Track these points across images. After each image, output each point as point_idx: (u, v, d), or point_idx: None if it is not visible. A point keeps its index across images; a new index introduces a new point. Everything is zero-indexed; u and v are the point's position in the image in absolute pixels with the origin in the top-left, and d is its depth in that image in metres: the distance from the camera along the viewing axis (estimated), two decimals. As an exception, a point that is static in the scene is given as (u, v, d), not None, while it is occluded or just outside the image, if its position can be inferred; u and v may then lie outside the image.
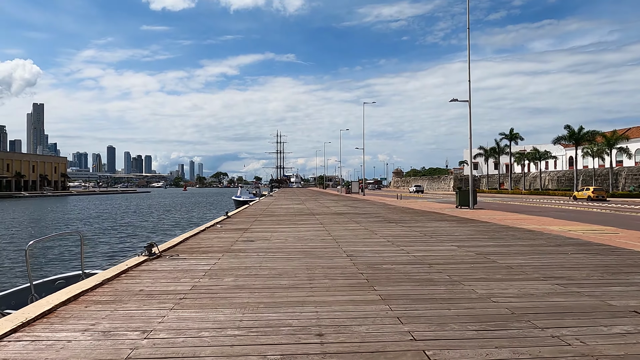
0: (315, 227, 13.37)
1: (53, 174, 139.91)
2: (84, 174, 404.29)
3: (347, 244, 9.64)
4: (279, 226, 13.82)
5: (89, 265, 11.55)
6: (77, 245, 15.83)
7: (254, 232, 12.20)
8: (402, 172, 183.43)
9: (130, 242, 18.80)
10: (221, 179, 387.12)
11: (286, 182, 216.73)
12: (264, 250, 8.78)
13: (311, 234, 11.48)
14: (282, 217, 17.59)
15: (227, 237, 11.09)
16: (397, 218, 16.99)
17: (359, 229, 12.92)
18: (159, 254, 8.07)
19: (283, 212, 20.82)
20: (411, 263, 7.26)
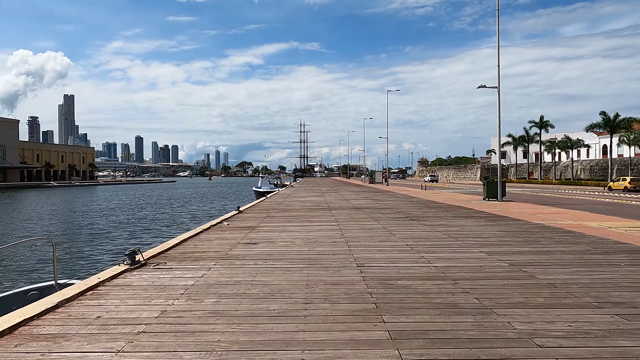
0: (329, 226, 12.28)
1: (81, 164, 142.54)
2: (113, 164, 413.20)
3: (360, 248, 8.53)
4: (289, 224, 12.79)
5: (70, 271, 10.83)
6: (63, 247, 15.19)
7: (261, 231, 11.20)
8: (427, 161, 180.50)
9: (137, 239, 18.10)
10: (246, 169, 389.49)
11: (310, 172, 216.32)
12: (263, 257, 7.76)
13: (322, 235, 10.41)
14: (296, 213, 16.57)
15: (229, 237, 10.12)
16: (419, 214, 15.75)
17: (376, 228, 11.77)
18: (144, 261, 7.13)
19: (299, 207, 19.80)
20: (432, 278, 6.11)
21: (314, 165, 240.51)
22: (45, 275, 10.68)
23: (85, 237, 18.50)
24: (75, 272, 11.09)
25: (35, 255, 12.64)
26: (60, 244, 15.28)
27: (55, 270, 6.49)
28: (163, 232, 20.28)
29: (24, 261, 11.88)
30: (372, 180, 73.99)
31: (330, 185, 58.27)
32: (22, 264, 11.81)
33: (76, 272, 11.07)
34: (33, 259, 12.09)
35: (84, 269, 11.69)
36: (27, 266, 11.54)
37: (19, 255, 12.54)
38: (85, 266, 12.20)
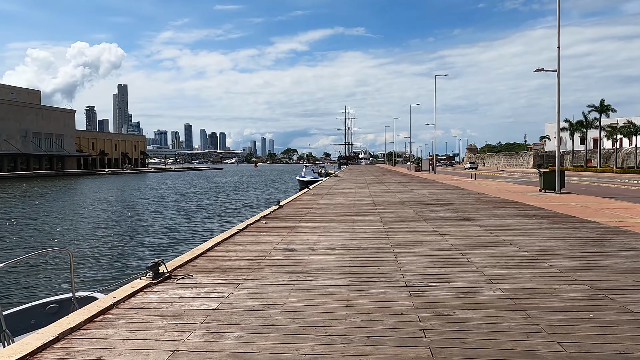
0: (373, 226, 11.34)
1: (133, 151, 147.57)
2: (163, 151, 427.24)
3: (408, 258, 7.56)
4: (330, 224, 11.93)
5: (98, 277, 10.41)
6: (96, 249, 14.97)
7: (300, 233, 10.41)
8: (476, 147, 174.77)
9: (176, 234, 17.78)
10: (291, 156, 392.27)
11: (354, 159, 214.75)
12: (299, 268, 6.94)
13: (365, 239, 9.49)
14: (339, 209, 15.69)
15: (265, 241, 9.38)
16: (472, 212, 14.50)
17: (425, 230, 10.72)
18: (168, 274, 6.49)
19: (342, 201, 18.91)
20: (497, 306, 5.08)
21: (358, 152, 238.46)
22: (67, 284, 10.36)
23: (126, 231, 18.40)
24: (102, 280, 10.66)
25: (58, 263, 12.33)
26: (86, 249, 14.90)
27: (72, 282, 5.94)
28: (204, 225, 19.97)
29: (44, 271, 11.54)
30: (418, 168, 71.95)
31: (375, 174, 56.96)
32: (41, 273, 11.46)
33: (102, 280, 10.62)
34: (53, 268, 11.81)
35: (111, 274, 11.25)
36: (49, 275, 11.16)
37: (39, 264, 12.26)
38: (114, 271, 11.72)
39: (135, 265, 12.22)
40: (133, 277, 6.45)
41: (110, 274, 11.37)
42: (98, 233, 17.81)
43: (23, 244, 16.04)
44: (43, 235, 17.34)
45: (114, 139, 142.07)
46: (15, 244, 16.26)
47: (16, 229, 19.49)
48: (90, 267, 12.34)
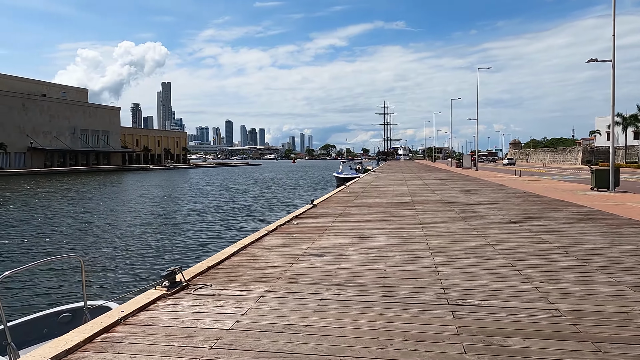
0: (411, 229, 10.55)
1: (175, 147, 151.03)
2: (205, 147, 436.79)
3: (451, 269, 6.78)
4: (365, 225, 11.22)
5: (110, 287, 9.98)
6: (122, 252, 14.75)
7: (332, 236, 9.76)
8: (520, 143, 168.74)
9: (207, 235, 17.44)
10: (329, 151, 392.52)
11: (393, 155, 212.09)
12: (328, 279, 6.30)
13: (403, 244, 8.74)
14: (375, 209, 14.94)
15: (294, 244, 8.80)
16: (519, 213, 13.43)
17: (468, 234, 9.85)
18: (185, 283, 6.00)
19: (378, 200, 18.13)
20: (559, 335, 4.27)
21: (397, 148, 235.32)
22: (96, 290, 9.97)
23: (155, 231, 18.17)
24: (121, 285, 10.28)
25: (75, 269, 11.47)
26: (111, 251, 14.30)
27: (84, 291, 5.54)
28: (237, 224, 19.62)
29: (57, 277, 11.00)
30: (459, 165, 69.84)
31: (415, 170, 55.56)
32: (54, 280, 10.99)
33: (121, 285, 10.21)
34: (66, 274, 11.36)
35: (132, 280, 10.77)
36: (63, 282, 10.54)
37: (52, 270, 11.53)
38: (135, 276, 11.24)
39: (158, 270, 11.68)
40: (149, 285, 5.99)
41: (131, 279, 10.89)
42: (126, 232, 17.48)
43: (47, 244, 16.13)
44: (69, 235, 17.20)
45: (156, 135, 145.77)
46: (39, 243, 16.40)
47: (43, 227, 19.76)
48: (112, 270, 11.80)
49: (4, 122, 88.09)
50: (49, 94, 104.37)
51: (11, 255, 13.94)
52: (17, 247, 15.20)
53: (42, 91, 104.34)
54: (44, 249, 14.87)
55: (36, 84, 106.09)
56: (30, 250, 14.54)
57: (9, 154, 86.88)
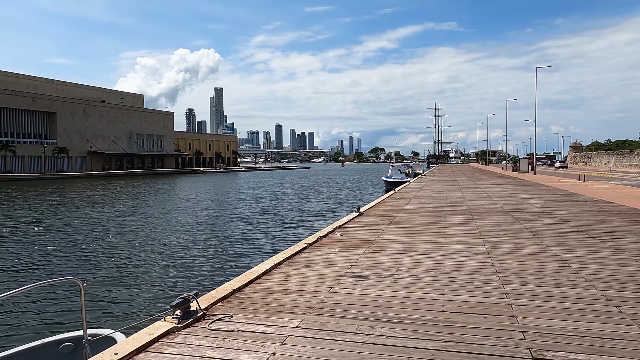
0: (471, 244, 9.19)
1: (226, 151, 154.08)
2: (255, 150, 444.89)
3: (527, 301, 5.45)
4: (418, 238, 9.94)
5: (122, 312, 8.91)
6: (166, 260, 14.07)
7: (379, 251, 8.58)
8: (581, 145, 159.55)
9: (244, 244, 16.23)
10: (378, 154, 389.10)
11: (444, 158, 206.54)
12: (373, 311, 5.15)
13: (463, 264, 7.44)
14: (428, 218, 13.57)
15: (335, 262, 7.69)
16: (597, 225, 11.67)
17: (541, 252, 8.37)
18: (201, 312, 5.03)
19: (431, 207, 16.70)
20: None
21: (449, 151, 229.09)
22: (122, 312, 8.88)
23: (192, 238, 17.39)
24: (133, 309, 9.02)
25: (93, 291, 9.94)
26: (142, 264, 13.04)
27: (84, 319, 4.70)
28: (279, 232, 18.67)
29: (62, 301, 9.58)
30: (515, 168, 66.33)
31: (468, 174, 53.03)
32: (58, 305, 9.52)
33: (135, 309, 9.03)
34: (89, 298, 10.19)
35: (150, 303, 9.46)
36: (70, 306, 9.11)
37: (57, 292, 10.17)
38: (157, 297, 9.97)
39: (181, 289, 10.32)
40: (159, 314, 5.07)
41: (148, 301, 9.67)
42: (157, 241, 16.55)
43: (74, 251, 15.82)
44: (98, 243, 16.38)
45: (208, 139, 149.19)
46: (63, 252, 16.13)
47: (72, 234, 19.65)
48: (132, 287, 10.72)
49: (66, 128, 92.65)
50: (108, 100, 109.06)
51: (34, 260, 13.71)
52: (40, 253, 15.02)
53: (102, 97, 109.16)
54: (64, 258, 14.57)
55: (96, 90, 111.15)
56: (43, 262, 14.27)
57: (71, 158, 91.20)
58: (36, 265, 13.03)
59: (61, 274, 11.95)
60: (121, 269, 12.48)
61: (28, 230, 19.50)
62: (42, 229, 19.94)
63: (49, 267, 12.79)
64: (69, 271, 12.35)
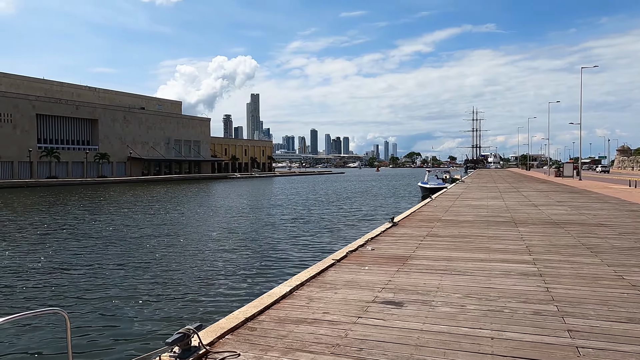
0: (520, 263, 8.15)
1: (261, 156, 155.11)
2: (290, 155, 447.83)
3: (596, 342, 4.46)
4: (458, 254, 8.97)
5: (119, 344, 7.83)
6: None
7: (414, 269, 7.68)
8: (629, 149, 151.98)
9: (271, 256, 14.59)
10: (414, 159, 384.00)
11: (483, 163, 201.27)
12: (406, 352, 4.29)
13: (512, 288, 6.46)
14: (468, 229, 12.52)
15: (365, 282, 6.86)
16: (663, 240, 10.33)
17: (603, 274, 7.27)
18: (205, 349, 4.32)
19: (471, 216, 15.57)
20: None
21: (487, 156, 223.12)
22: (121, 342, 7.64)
23: (215, 249, 16.66)
24: (136, 339, 7.74)
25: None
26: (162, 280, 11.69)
27: (70, 354, 4.05)
28: (308, 242, 17.60)
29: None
30: (559, 173, 63.32)
31: (508, 179, 50.88)
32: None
33: (137, 339, 7.73)
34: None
35: (155, 331, 8.11)
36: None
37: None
38: (169, 320, 8.63)
39: (189, 315, 8.99)
40: (155, 350, 4.39)
41: (152, 328, 8.32)
42: (176, 254, 15.27)
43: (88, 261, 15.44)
44: (109, 257, 14.89)
45: (244, 145, 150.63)
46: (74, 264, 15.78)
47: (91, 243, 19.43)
48: (132, 317, 9.04)
49: (108, 134, 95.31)
50: (147, 107, 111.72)
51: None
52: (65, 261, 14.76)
53: (141, 104, 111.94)
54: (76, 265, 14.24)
55: (136, 97, 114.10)
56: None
57: (112, 163, 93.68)
58: (19, 289, 11.26)
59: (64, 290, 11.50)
60: (122, 289, 10.93)
61: (37, 238, 19.53)
62: (53, 239, 19.94)
63: (34, 293, 10.91)
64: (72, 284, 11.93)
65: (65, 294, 10.71)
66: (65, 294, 10.71)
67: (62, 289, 11.09)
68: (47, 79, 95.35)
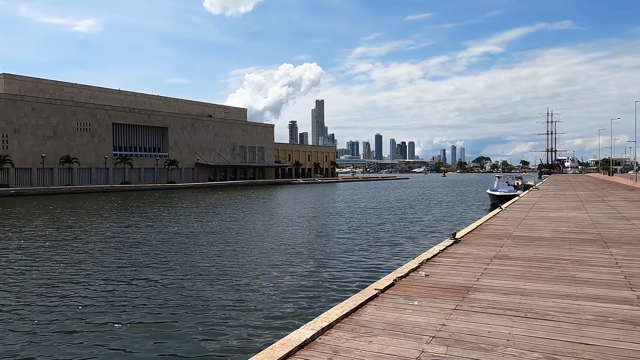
0: (618, 301, 6.29)
1: (324, 162, 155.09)
2: (354, 161, 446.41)
3: None
4: (534, 286, 7.21)
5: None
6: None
7: (476, 308, 6.07)
8: None
9: (311, 281, 12.26)
10: (483, 164, 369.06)
11: (559, 167, 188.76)
12: None
13: (614, 347, 4.72)
14: (545, 250, 10.55)
15: (410, 326, 5.38)
16: None
17: None
18: None
19: (549, 232, 13.43)
20: None
21: (564, 160, 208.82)
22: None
23: (253, 265, 14.93)
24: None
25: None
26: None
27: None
28: (357, 258, 15.71)
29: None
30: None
31: (589, 186, 46.32)
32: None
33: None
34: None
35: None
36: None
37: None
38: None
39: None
40: None
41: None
42: (198, 273, 13.66)
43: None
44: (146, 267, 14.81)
45: (307, 150, 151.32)
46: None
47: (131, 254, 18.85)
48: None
49: (177, 141, 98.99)
50: (214, 115, 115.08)
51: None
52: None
53: (209, 112, 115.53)
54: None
55: (204, 106, 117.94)
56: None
57: (180, 170, 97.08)
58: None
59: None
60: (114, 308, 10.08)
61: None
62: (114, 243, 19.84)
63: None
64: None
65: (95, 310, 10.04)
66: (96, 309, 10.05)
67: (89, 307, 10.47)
68: (122, 90, 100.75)
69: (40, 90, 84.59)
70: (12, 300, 10.90)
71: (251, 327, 8.85)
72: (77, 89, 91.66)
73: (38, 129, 75.45)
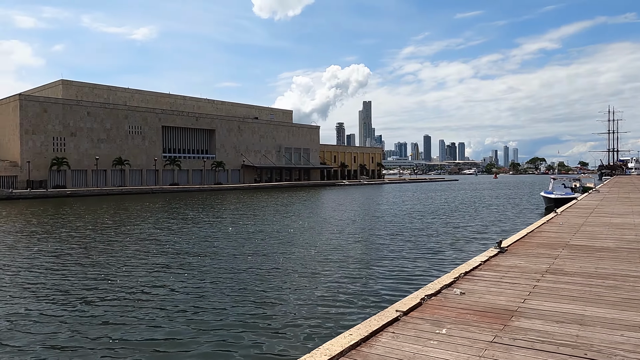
0: None
1: (370, 163, 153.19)
2: (402, 162, 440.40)
3: None
4: (596, 312, 5.88)
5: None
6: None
7: (520, 342, 4.86)
8: None
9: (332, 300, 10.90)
10: (537, 165, 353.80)
11: (621, 168, 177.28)
12: None
13: None
14: (609, 262, 9.02)
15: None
16: None
17: None
18: None
19: (612, 242, 11.73)
20: None
21: (627, 161, 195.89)
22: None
23: (277, 279, 13.89)
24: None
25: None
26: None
27: None
28: (391, 268, 14.79)
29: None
30: None
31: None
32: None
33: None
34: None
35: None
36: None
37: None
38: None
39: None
40: None
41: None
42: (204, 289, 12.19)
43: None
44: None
45: (353, 152, 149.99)
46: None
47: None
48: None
49: (224, 143, 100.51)
50: (260, 117, 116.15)
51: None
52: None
53: (255, 114, 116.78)
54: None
55: (250, 108, 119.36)
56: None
57: (227, 171, 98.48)
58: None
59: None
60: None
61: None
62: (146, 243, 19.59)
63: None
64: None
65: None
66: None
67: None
68: (172, 93, 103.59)
69: (95, 95, 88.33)
70: (73, 294, 10.64)
71: (243, 357, 7.84)
72: (129, 93, 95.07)
73: (93, 132, 78.57)
